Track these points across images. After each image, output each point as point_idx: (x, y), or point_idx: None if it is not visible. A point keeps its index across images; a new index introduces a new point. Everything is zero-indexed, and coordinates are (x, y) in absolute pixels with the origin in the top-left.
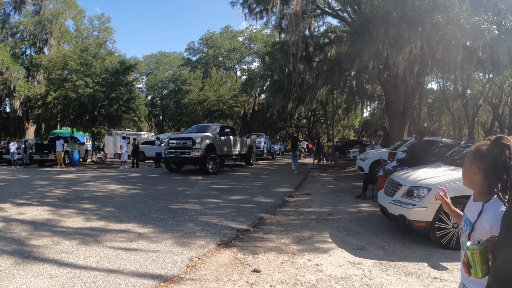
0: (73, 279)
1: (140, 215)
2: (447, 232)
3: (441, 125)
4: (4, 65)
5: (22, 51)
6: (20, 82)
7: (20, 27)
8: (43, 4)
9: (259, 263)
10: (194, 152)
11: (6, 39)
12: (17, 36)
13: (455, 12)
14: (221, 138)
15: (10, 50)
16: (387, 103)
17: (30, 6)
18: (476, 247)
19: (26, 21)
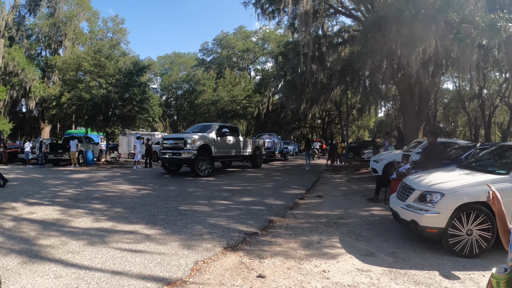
0: (77, 279)
1: (148, 216)
2: (460, 239)
3: (457, 126)
4: (19, 67)
5: (38, 52)
6: (35, 83)
7: (35, 29)
8: (57, 7)
9: (264, 268)
10: (185, 153)
11: (21, 41)
12: (33, 38)
13: (469, 10)
14: (219, 139)
15: (25, 51)
16: (402, 103)
17: (45, 9)
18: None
19: (41, 23)
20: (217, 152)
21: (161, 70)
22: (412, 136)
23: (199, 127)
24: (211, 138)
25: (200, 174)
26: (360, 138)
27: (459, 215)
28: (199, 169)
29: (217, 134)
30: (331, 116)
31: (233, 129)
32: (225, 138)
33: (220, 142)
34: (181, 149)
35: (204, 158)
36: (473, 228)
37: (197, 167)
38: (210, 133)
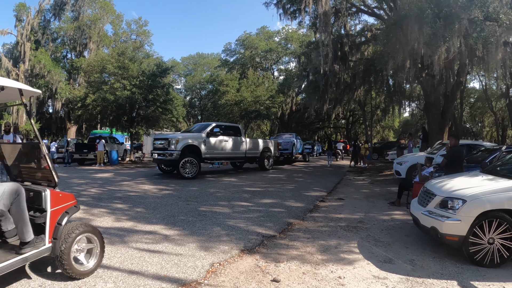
0: (95, 278)
1: (168, 217)
2: (482, 248)
3: (484, 126)
4: (46, 69)
5: (63, 55)
6: (61, 85)
7: (60, 32)
8: (81, 10)
9: (280, 272)
10: (168, 154)
11: (47, 44)
12: (58, 41)
13: (493, 7)
14: (211, 139)
15: (51, 54)
16: (426, 103)
17: (69, 12)
18: None
19: (66, 26)
20: (208, 153)
21: (185, 71)
22: (437, 137)
23: (197, 127)
24: (200, 138)
25: (184, 176)
26: (385, 139)
27: (480, 223)
28: (183, 171)
29: (208, 134)
30: (356, 116)
31: (233, 128)
32: (220, 139)
33: (213, 142)
34: (165, 150)
35: (191, 160)
36: (495, 236)
37: (181, 169)
38: (200, 133)
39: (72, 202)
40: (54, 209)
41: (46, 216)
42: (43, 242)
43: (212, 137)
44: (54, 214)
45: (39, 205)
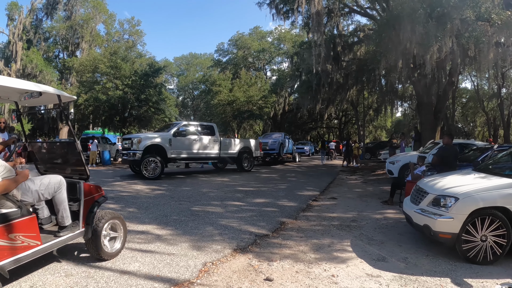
0: (87, 278)
1: (161, 217)
2: (475, 245)
3: (476, 126)
4: (37, 69)
5: (55, 54)
6: (53, 85)
7: (52, 32)
8: (74, 10)
9: (273, 271)
10: (131, 154)
11: (39, 43)
12: (50, 40)
13: (485, 7)
14: (178, 139)
15: (43, 54)
16: (419, 103)
17: (62, 12)
18: None
19: (58, 26)
20: (175, 153)
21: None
22: (430, 136)
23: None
24: (166, 137)
25: (146, 175)
26: (377, 139)
27: (473, 221)
28: (146, 171)
29: (175, 133)
30: (348, 116)
31: (206, 127)
32: (189, 138)
33: (181, 142)
34: (129, 150)
35: (154, 159)
36: (488, 234)
37: (144, 169)
38: (166, 132)
39: (101, 193)
40: (86, 199)
41: (80, 205)
42: (77, 227)
43: (179, 136)
44: (87, 203)
45: (73, 195)
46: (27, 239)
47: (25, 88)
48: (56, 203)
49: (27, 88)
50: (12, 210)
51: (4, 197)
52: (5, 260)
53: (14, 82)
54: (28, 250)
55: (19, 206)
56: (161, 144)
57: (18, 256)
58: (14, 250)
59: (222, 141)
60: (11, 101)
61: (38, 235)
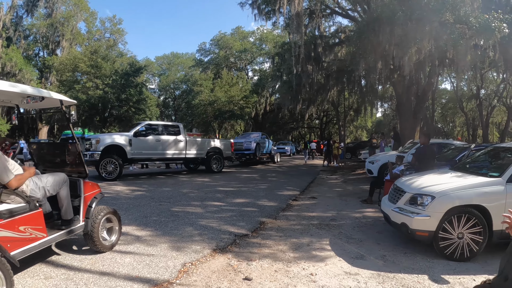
0: (66, 280)
1: (141, 218)
2: (451, 242)
3: (455, 126)
4: (17, 67)
5: (35, 53)
6: (33, 84)
7: (32, 29)
8: (55, 7)
9: (252, 271)
10: (89, 154)
11: (19, 41)
12: (30, 38)
13: (464, 10)
14: (139, 139)
15: (23, 52)
16: (398, 103)
17: (42, 9)
18: None
19: (38, 23)
20: (136, 154)
21: (159, 71)
22: (409, 136)
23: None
24: (125, 138)
25: (104, 176)
26: (358, 138)
27: (450, 218)
28: (104, 171)
29: (136, 133)
30: (329, 116)
31: (170, 127)
32: (151, 138)
33: (142, 142)
34: (89, 150)
35: (112, 160)
36: (464, 231)
37: (102, 170)
38: (127, 132)
39: (98, 190)
40: (86, 195)
41: (80, 200)
42: (78, 221)
43: (140, 136)
44: (86, 199)
45: (74, 191)
46: (35, 231)
47: (29, 93)
48: (61, 198)
49: (31, 93)
50: (21, 205)
51: (14, 193)
52: (16, 250)
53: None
54: (36, 242)
55: (27, 201)
56: (120, 144)
57: (27, 246)
58: (23, 241)
59: (188, 141)
60: (12, 104)
61: (44, 228)
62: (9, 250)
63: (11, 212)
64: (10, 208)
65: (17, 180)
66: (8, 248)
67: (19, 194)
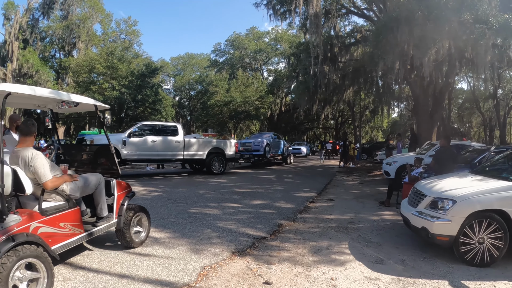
0: (85, 283)
1: (158, 219)
2: (472, 247)
3: (472, 127)
4: (34, 68)
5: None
6: (49, 85)
7: (49, 31)
8: (70, 9)
9: (271, 275)
10: None
11: (35, 43)
12: (46, 40)
13: (483, 9)
14: (134, 140)
15: (39, 53)
16: (415, 104)
17: (58, 11)
18: None
19: (54, 25)
20: (130, 155)
21: (174, 71)
22: (426, 137)
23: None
24: (119, 139)
25: None
26: (374, 139)
27: (470, 223)
28: None
29: (131, 134)
30: (344, 116)
31: (168, 128)
32: (147, 139)
33: (136, 143)
34: None
35: None
36: (485, 236)
37: None
38: (122, 133)
39: (130, 189)
40: (119, 194)
41: (113, 199)
42: (112, 218)
43: (135, 137)
44: (119, 197)
45: (107, 190)
46: (73, 227)
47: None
48: (97, 196)
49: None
50: (61, 203)
51: (55, 192)
52: (56, 245)
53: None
54: (74, 237)
55: (66, 199)
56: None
57: (66, 242)
58: (63, 236)
59: (186, 142)
60: (46, 109)
61: (81, 224)
62: (50, 244)
63: (52, 210)
64: (51, 205)
65: (53, 181)
66: (50, 243)
67: (60, 193)
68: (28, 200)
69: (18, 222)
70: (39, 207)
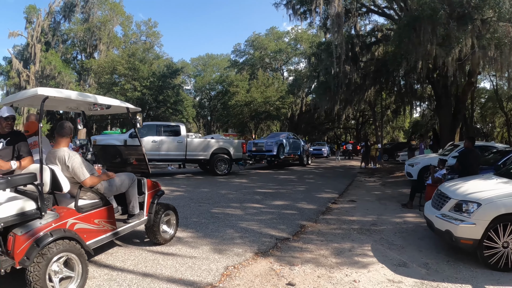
0: (109, 281)
1: (181, 219)
2: (496, 251)
3: (495, 127)
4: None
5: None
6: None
7: (70, 34)
8: (91, 12)
9: (294, 276)
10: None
11: (57, 45)
12: (68, 42)
13: (506, 7)
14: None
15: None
16: (438, 104)
17: (79, 14)
18: None
19: (76, 28)
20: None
21: (195, 72)
22: (448, 138)
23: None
24: (121, 139)
25: None
26: (395, 139)
27: (495, 227)
28: None
29: (131, 135)
30: (365, 116)
31: (170, 128)
32: (146, 139)
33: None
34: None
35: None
36: (510, 240)
37: None
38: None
39: (159, 188)
40: (149, 192)
41: (144, 197)
42: (142, 216)
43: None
44: (150, 195)
45: (139, 188)
46: (107, 224)
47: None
48: (129, 195)
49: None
50: (95, 200)
51: (91, 190)
52: (91, 240)
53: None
54: (107, 233)
55: (101, 197)
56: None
57: (100, 237)
58: (97, 232)
59: (188, 142)
60: (79, 111)
61: (114, 221)
62: (85, 240)
63: (87, 207)
64: (86, 203)
65: (92, 179)
66: (85, 238)
67: (95, 191)
68: (64, 198)
69: (56, 218)
70: (75, 205)
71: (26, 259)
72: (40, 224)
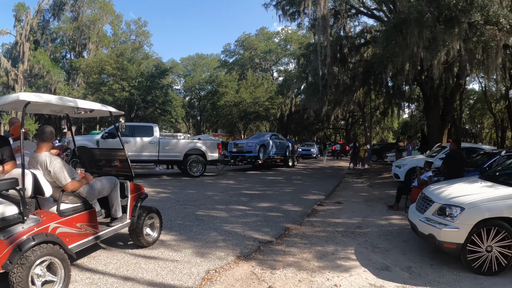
0: (90, 285)
1: (165, 221)
2: (480, 255)
3: (483, 128)
4: (45, 69)
5: (62, 55)
6: (60, 85)
7: (59, 32)
8: (80, 11)
9: (275, 280)
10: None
11: (46, 44)
12: (57, 41)
13: (493, 10)
14: (108, 141)
15: (50, 54)
16: (426, 105)
17: (69, 13)
18: None
19: (65, 27)
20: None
21: (184, 72)
22: (437, 139)
23: None
24: (93, 140)
25: None
26: (384, 140)
27: (479, 231)
28: None
29: (103, 136)
30: (355, 117)
31: (144, 128)
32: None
33: (109, 144)
34: None
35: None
36: (493, 244)
37: None
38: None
39: (142, 191)
40: (132, 195)
41: (127, 200)
42: (125, 219)
43: (108, 138)
44: (132, 199)
45: (121, 192)
46: (89, 227)
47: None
48: (112, 198)
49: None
50: (77, 204)
51: (72, 194)
52: (73, 244)
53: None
54: (90, 237)
55: (83, 201)
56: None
57: (82, 241)
58: (79, 236)
59: (161, 143)
60: (63, 114)
61: (97, 224)
62: (67, 243)
63: (69, 211)
64: (68, 207)
65: (73, 184)
66: (67, 242)
67: (76, 195)
68: (46, 202)
69: (38, 222)
70: (57, 209)
71: (9, 263)
72: (22, 229)
